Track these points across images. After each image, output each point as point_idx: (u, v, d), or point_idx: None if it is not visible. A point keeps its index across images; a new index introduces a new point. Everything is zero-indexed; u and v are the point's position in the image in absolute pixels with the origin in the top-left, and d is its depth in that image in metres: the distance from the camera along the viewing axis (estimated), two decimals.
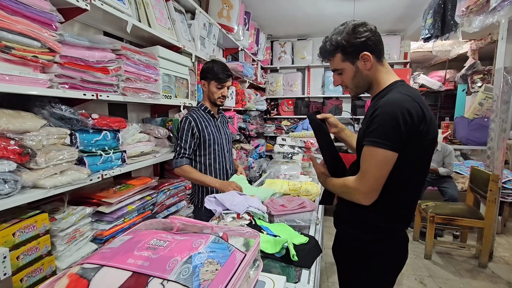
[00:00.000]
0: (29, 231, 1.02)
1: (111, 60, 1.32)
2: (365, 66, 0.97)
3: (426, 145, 0.93)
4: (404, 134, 0.86)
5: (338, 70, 1.03)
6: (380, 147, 0.86)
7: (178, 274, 0.46)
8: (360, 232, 1.01)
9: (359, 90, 1.04)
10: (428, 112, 0.90)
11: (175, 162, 1.58)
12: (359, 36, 0.94)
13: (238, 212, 1.03)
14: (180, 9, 2.19)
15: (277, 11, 3.60)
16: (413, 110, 0.86)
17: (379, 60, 0.99)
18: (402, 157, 0.88)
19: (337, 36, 0.97)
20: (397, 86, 0.96)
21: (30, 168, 1.02)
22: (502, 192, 2.97)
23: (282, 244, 0.83)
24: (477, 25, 2.14)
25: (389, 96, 0.92)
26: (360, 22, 0.96)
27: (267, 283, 0.64)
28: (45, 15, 1.03)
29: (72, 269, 0.49)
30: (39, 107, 1.11)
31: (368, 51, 0.95)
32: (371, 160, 0.89)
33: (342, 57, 0.99)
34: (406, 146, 0.87)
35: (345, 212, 1.06)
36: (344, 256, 1.10)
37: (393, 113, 0.85)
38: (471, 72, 4.64)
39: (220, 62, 1.65)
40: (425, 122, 0.88)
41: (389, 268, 1.03)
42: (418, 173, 0.97)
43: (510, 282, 2.24)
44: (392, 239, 1.00)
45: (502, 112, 2.36)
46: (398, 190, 0.94)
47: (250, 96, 3.72)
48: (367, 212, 0.95)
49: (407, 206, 0.99)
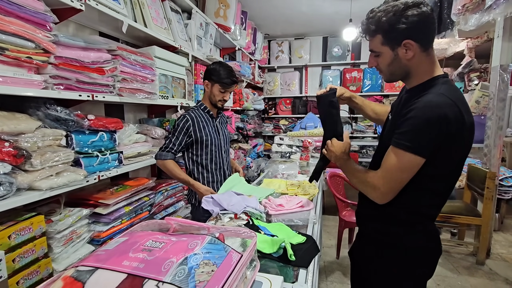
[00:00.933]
0: (25, 234, 1.02)
1: (107, 60, 1.31)
2: (406, 55, 0.86)
3: (460, 151, 0.88)
4: (437, 141, 0.81)
5: (376, 52, 0.92)
6: (408, 151, 0.82)
7: (173, 275, 0.46)
8: (390, 227, 0.97)
9: (393, 77, 0.95)
10: (468, 117, 0.83)
11: (159, 154, 1.53)
12: (406, 20, 0.81)
13: (236, 212, 1.03)
14: (176, 9, 2.18)
15: (273, 11, 3.60)
16: (452, 117, 0.79)
17: (425, 50, 0.87)
18: (435, 163, 0.85)
19: (382, 15, 0.84)
20: (439, 84, 0.86)
21: (26, 170, 1.01)
22: (499, 189, 2.98)
23: (280, 244, 0.83)
24: (473, 23, 2.15)
25: (429, 97, 0.83)
26: (415, 2, 0.82)
27: (264, 283, 0.64)
28: (39, 16, 1.02)
29: (67, 272, 0.49)
30: (34, 108, 1.10)
31: (413, 39, 0.83)
32: (395, 163, 0.85)
33: (382, 40, 0.87)
34: (439, 151, 0.83)
35: (372, 207, 1.00)
36: (372, 253, 1.04)
37: (430, 119, 0.79)
38: (468, 70, 4.65)
39: (227, 66, 1.61)
40: (464, 129, 0.82)
41: (425, 262, 0.98)
42: (451, 175, 0.92)
43: (507, 279, 2.25)
44: (423, 232, 0.96)
45: (499, 110, 2.37)
46: (431, 193, 0.91)
47: (248, 96, 3.72)
48: (395, 208, 0.93)
49: (437, 206, 0.96)
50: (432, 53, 0.89)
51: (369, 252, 1.05)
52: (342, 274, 2.33)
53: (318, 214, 1.37)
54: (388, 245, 0.99)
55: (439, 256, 1.01)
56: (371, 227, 1.05)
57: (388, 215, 0.97)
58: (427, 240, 0.97)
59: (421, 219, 0.95)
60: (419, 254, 0.96)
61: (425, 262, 0.99)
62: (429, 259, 0.99)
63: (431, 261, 1.00)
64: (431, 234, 0.98)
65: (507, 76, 2.31)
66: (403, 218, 0.95)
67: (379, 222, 1.00)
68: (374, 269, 1.04)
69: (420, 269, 0.99)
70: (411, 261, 0.97)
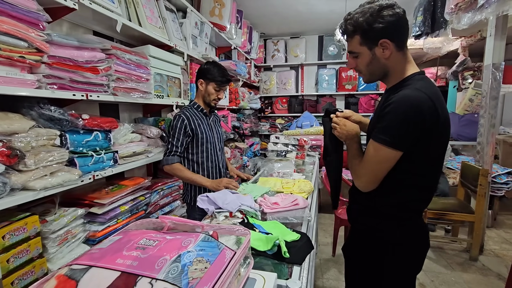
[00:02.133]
0: (19, 234, 1.01)
1: (101, 60, 1.31)
2: (383, 54, 0.90)
3: (438, 144, 0.90)
4: (413, 135, 0.84)
5: (354, 53, 0.95)
6: (384, 145, 0.86)
7: (166, 273, 0.46)
8: (381, 221, 1.00)
9: (373, 77, 0.99)
10: (443, 112, 0.86)
11: (166, 159, 1.57)
12: (382, 20, 0.86)
13: (231, 210, 1.03)
14: (171, 8, 2.17)
15: (269, 9, 3.60)
16: (426, 111, 0.82)
17: (401, 49, 0.91)
18: (414, 157, 0.87)
19: (359, 16, 0.89)
20: (415, 80, 0.90)
21: (19, 170, 1.00)
22: (492, 186, 3.02)
23: (274, 242, 0.84)
24: (465, 22, 2.17)
25: (404, 92, 0.86)
26: (388, 4, 0.87)
27: (258, 280, 0.65)
28: (31, 15, 1.02)
29: (60, 270, 0.49)
30: (28, 108, 1.10)
31: (389, 38, 0.88)
32: (373, 156, 0.90)
33: (360, 40, 0.91)
34: (415, 145, 0.86)
35: (363, 204, 1.04)
36: (363, 248, 1.06)
37: (405, 111, 0.82)
38: (462, 68, 4.69)
39: (220, 65, 1.65)
40: (438, 122, 0.85)
41: (414, 255, 1.00)
42: (431, 169, 0.95)
43: (500, 274, 2.29)
44: (412, 226, 0.98)
45: (491, 108, 2.40)
46: (415, 187, 0.93)
47: (244, 95, 3.72)
48: (382, 203, 0.97)
49: (424, 200, 0.99)
50: (408, 53, 0.94)
51: (360, 247, 1.08)
52: (338, 271, 2.35)
53: (313, 212, 1.38)
54: (378, 239, 1.01)
55: (427, 250, 1.03)
56: (362, 222, 1.08)
57: (378, 210, 0.99)
58: (415, 234, 1.00)
59: (409, 214, 0.98)
60: (408, 248, 0.99)
61: (414, 256, 1.01)
62: (417, 253, 1.02)
63: (420, 255, 1.02)
64: (419, 228, 1.01)
65: (499, 74, 2.34)
66: (392, 213, 0.97)
67: (369, 217, 1.03)
68: (365, 263, 1.06)
69: (409, 263, 1.01)
70: (400, 256, 0.99)
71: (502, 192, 3.07)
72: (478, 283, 2.19)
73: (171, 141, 1.57)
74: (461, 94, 4.54)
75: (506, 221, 3.37)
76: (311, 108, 4.78)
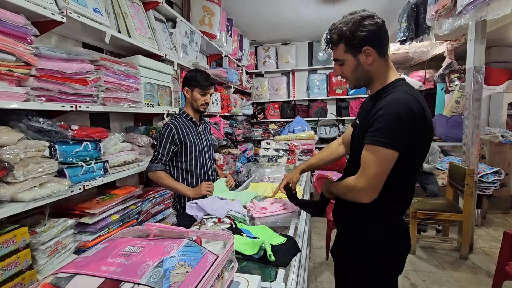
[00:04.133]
0: (8, 246, 1.01)
1: (90, 71, 1.33)
2: (367, 61, 0.96)
3: (424, 145, 0.95)
4: (407, 135, 0.88)
5: (340, 61, 1.01)
6: (383, 146, 0.87)
7: (148, 277, 0.48)
8: (364, 224, 1.02)
9: (358, 83, 1.04)
10: (428, 113, 0.92)
11: (150, 166, 1.62)
12: (364, 29, 0.92)
13: (219, 216, 1.05)
14: (160, 18, 2.21)
15: (258, 17, 3.67)
16: (416, 111, 0.87)
17: (382, 56, 0.98)
18: (404, 157, 0.90)
19: (343, 26, 0.95)
20: (400, 85, 0.96)
21: (8, 182, 1.01)
22: (480, 185, 3.10)
23: (260, 245, 0.86)
24: (446, 27, 2.26)
25: (394, 95, 0.91)
26: (368, 14, 0.94)
27: (241, 283, 0.67)
28: (19, 29, 1.04)
29: (46, 279, 0.51)
30: (16, 120, 1.11)
31: (371, 45, 0.94)
32: (372, 159, 0.89)
33: (344, 48, 0.97)
34: (408, 146, 0.89)
35: (346, 207, 1.07)
36: (349, 251, 1.09)
37: (399, 113, 0.86)
38: (449, 71, 4.82)
39: (203, 71, 1.71)
40: (426, 123, 0.91)
41: (395, 256, 1.03)
42: (415, 171, 1.00)
43: (489, 272, 2.33)
44: (394, 228, 1.02)
45: (474, 109, 2.48)
46: (397, 187, 0.97)
47: (236, 101, 3.76)
48: (367, 206, 0.97)
49: (405, 201, 1.02)
50: (389, 60, 1.00)
51: (346, 249, 1.10)
52: (331, 274, 2.37)
53: (304, 215, 1.40)
54: (361, 242, 1.04)
55: (408, 251, 1.06)
56: (346, 225, 1.11)
57: (361, 213, 1.02)
58: (398, 236, 1.03)
59: (392, 216, 1.01)
60: (391, 250, 1.02)
61: (396, 258, 1.04)
62: (400, 254, 1.05)
63: (402, 256, 1.05)
64: (401, 230, 1.04)
65: (481, 77, 2.43)
66: (375, 216, 1.00)
67: (353, 219, 1.06)
68: (350, 265, 1.09)
69: (392, 265, 1.04)
70: (384, 257, 1.02)
71: (490, 191, 3.15)
72: (468, 282, 2.23)
73: (157, 149, 1.61)
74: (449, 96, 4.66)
75: (495, 220, 3.44)
76: (303, 113, 4.84)
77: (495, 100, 4.25)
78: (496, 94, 4.29)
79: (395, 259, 1.04)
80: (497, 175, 3.16)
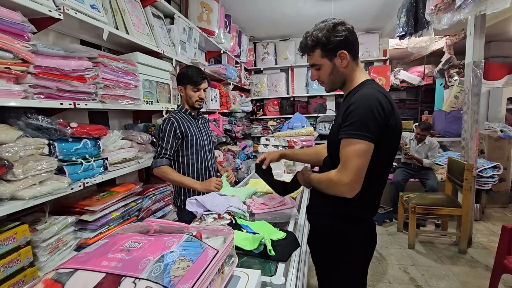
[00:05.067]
0: (9, 243, 1.02)
1: (88, 68, 1.32)
2: (342, 64, 1.02)
3: (394, 138, 0.99)
4: (379, 126, 0.91)
5: (316, 66, 1.06)
6: (359, 138, 0.90)
7: (149, 272, 0.48)
8: (338, 222, 1.05)
9: (334, 86, 1.09)
10: (395, 107, 0.98)
11: (155, 162, 1.59)
12: (338, 34, 0.98)
13: (219, 212, 1.06)
14: (158, 15, 2.20)
15: (257, 13, 3.65)
16: (384, 104, 0.92)
17: (354, 59, 1.04)
18: (376, 149, 0.93)
19: (318, 32, 1.01)
20: (369, 83, 1.02)
21: (8, 180, 1.01)
22: (479, 180, 3.11)
23: (260, 241, 0.87)
24: (445, 22, 2.25)
25: (363, 91, 0.97)
26: (340, 21, 1.01)
27: (242, 278, 0.67)
28: (16, 27, 1.03)
29: (47, 275, 0.51)
30: (15, 118, 1.11)
31: (346, 49, 1.00)
32: (351, 152, 0.91)
33: (321, 53, 1.03)
34: (379, 138, 0.93)
35: (322, 205, 1.10)
36: (321, 247, 1.13)
37: (369, 106, 0.91)
38: (448, 66, 4.82)
39: (194, 67, 1.70)
40: (394, 116, 0.95)
41: (366, 253, 1.09)
42: (388, 165, 1.04)
43: (488, 266, 2.35)
44: (366, 226, 1.07)
45: (473, 104, 2.48)
46: (372, 182, 0.99)
47: (235, 98, 3.75)
48: (344, 203, 0.99)
49: (377, 197, 1.06)
50: (360, 63, 1.08)
51: (317, 244, 1.15)
52: None
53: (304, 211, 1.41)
54: (331, 239, 1.08)
55: (374, 247, 1.13)
56: (317, 222, 1.14)
57: (332, 210, 1.06)
58: (366, 234, 1.08)
59: (363, 214, 1.05)
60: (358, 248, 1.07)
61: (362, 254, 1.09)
62: (366, 251, 1.10)
63: (368, 252, 1.11)
64: (369, 228, 1.09)
65: (480, 71, 2.43)
66: (345, 213, 1.03)
67: (324, 216, 1.10)
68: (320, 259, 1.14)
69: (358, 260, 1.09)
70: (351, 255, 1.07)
71: (488, 186, 3.16)
72: (467, 275, 2.25)
73: (160, 144, 1.59)
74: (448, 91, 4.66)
75: (493, 214, 3.46)
76: (302, 109, 4.84)
77: (494, 95, 4.25)
78: (495, 89, 4.29)
79: (362, 255, 1.09)
80: (496, 170, 3.17)
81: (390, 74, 4.56)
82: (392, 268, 2.40)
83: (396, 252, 2.67)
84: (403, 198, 2.91)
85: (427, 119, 4.21)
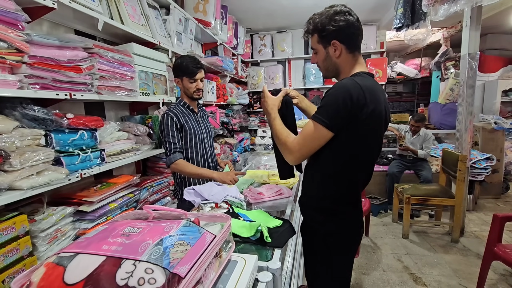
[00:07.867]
0: (8, 233, 1.03)
1: (83, 58, 1.31)
2: (335, 54, 1.02)
3: (366, 133, 0.97)
4: (342, 116, 0.92)
5: (314, 50, 1.08)
6: (318, 122, 0.93)
7: (149, 255, 0.50)
8: (317, 214, 1.09)
9: (328, 73, 1.10)
10: (372, 103, 0.93)
11: (169, 158, 1.58)
12: (334, 24, 0.97)
13: (216, 201, 1.07)
14: (154, 5, 2.17)
15: (254, 4, 3.61)
16: (355, 96, 0.90)
17: (351, 52, 1.01)
18: (342, 140, 0.95)
19: (317, 17, 1.01)
20: (358, 75, 0.99)
21: (5, 170, 1.02)
22: (472, 171, 3.16)
23: (256, 228, 0.89)
24: (442, 13, 2.25)
25: (343, 81, 0.97)
26: (342, 10, 0.99)
27: (239, 262, 0.69)
28: (10, 15, 1.02)
29: (49, 259, 0.52)
30: (10, 108, 1.10)
31: (339, 40, 0.99)
32: (308, 132, 0.96)
33: (317, 39, 1.04)
34: (345, 129, 0.93)
35: (308, 198, 1.13)
36: (306, 236, 1.16)
37: (337, 96, 0.92)
38: (444, 59, 4.83)
39: (189, 56, 1.67)
40: (366, 111, 0.92)
41: (342, 246, 1.09)
42: (371, 161, 1.05)
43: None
44: (343, 219, 1.07)
45: (468, 96, 2.50)
46: (343, 174, 1.01)
47: (232, 90, 3.74)
48: (322, 196, 1.05)
49: (354, 190, 1.07)
50: (358, 56, 1.04)
51: (302, 231, 1.18)
52: None
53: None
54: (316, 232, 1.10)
55: (360, 238, 1.14)
56: (305, 213, 1.16)
57: (317, 203, 1.08)
58: (348, 227, 1.08)
59: (345, 207, 1.06)
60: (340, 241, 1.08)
61: (346, 247, 1.10)
62: (350, 244, 1.11)
63: (353, 244, 1.12)
64: (351, 220, 1.09)
65: (475, 63, 2.44)
66: (328, 206, 1.06)
67: (310, 209, 1.12)
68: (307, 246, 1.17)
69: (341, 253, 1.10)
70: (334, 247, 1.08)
71: (482, 177, 3.22)
72: (459, 263, 2.31)
73: (167, 140, 1.58)
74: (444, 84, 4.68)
75: (486, 205, 3.53)
76: None
77: (490, 88, 4.28)
78: (491, 81, 4.32)
79: (346, 248, 1.10)
80: (489, 161, 3.22)
81: (386, 67, 4.56)
82: (386, 257, 2.46)
83: (391, 241, 2.73)
84: (398, 189, 2.95)
85: (423, 111, 4.24)
